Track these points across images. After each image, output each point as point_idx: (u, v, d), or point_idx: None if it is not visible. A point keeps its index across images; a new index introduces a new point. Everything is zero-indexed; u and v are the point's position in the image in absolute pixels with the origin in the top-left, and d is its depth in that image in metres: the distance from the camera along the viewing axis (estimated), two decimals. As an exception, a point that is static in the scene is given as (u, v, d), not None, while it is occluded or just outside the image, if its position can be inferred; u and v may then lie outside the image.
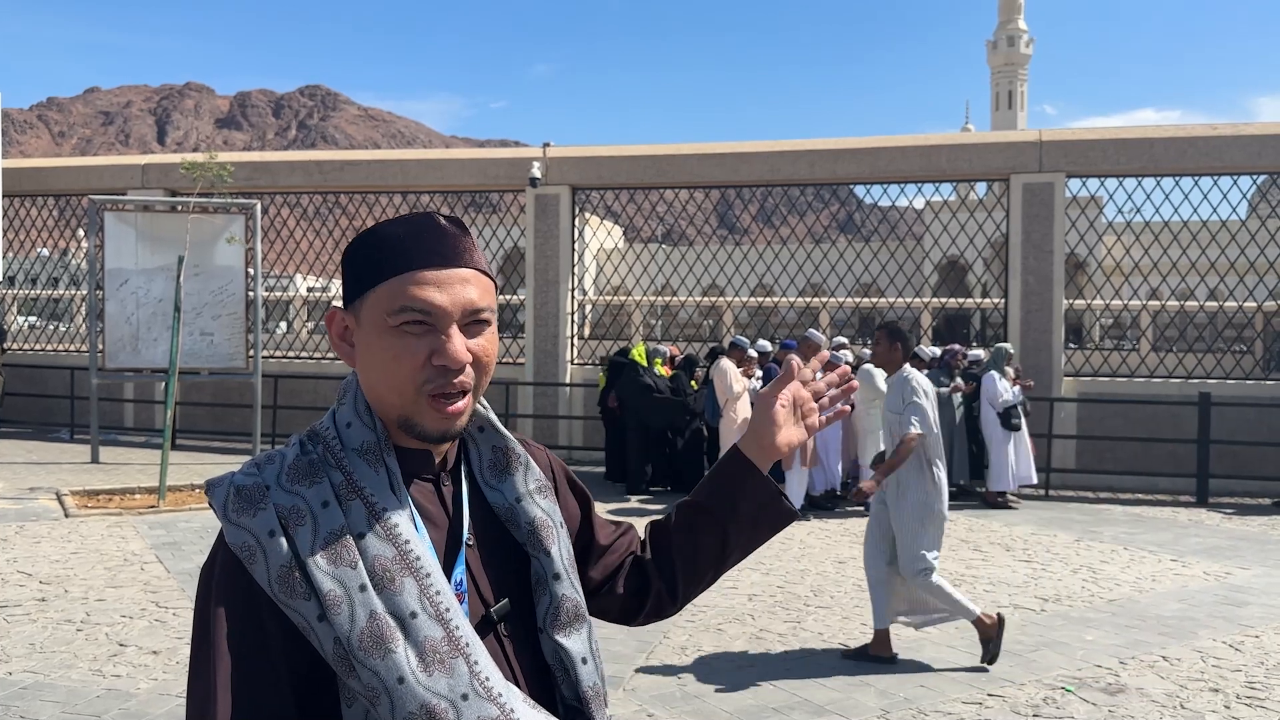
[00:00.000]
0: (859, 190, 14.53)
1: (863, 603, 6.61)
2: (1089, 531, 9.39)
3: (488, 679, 1.14)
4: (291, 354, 15.90)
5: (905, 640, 5.77)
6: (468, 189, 15.22)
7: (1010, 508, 10.71)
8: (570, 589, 1.28)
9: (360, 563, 1.12)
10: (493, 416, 1.33)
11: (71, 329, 17.57)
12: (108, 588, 6.59)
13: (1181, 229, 12.85)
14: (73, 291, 18.80)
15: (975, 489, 11.20)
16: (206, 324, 12.39)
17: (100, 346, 12.18)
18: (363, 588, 1.11)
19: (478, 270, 1.21)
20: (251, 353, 12.56)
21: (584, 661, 1.26)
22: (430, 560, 1.16)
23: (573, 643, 1.26)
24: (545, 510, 1.31)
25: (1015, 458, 10.83)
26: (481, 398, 1.30)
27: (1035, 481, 11.27)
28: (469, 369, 1.19)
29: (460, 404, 1.19)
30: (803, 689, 4.92)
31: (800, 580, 7.25)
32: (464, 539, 1.24)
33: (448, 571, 1.21)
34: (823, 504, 10.45)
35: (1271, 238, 12.62)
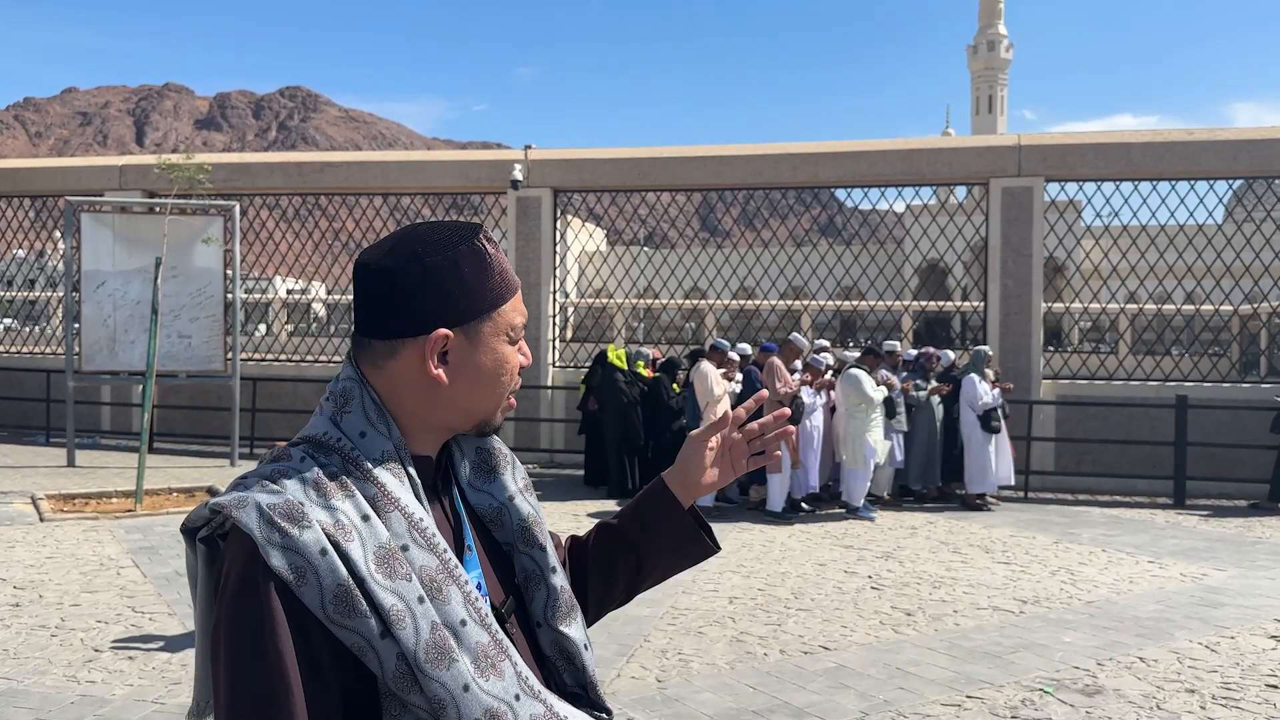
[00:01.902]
0: (840, 193, 14.55)
1: (844, 605, 6.63)
2: (1067, 533, 9.45)
3: (528, 677, 1.18)
4: (270, 357, 15.78)
5: (884, 642, 5.79)
6: (449, 191, 15.17)
7: (988, 509, 10.76)
8: (565, 580, 1.34)
9: (413, 575, 1.12)
10: None
11: (48, 331, 17.40)
12: (83, 592, 6.53)
13: (1159, 233, 12.96)
14: (49, 293, 18.63)
15: (955, 491, 11.25)
16: (184, 326, 12.30)
17: (77, 349, 12.07)
18: (420, 600, 1.11)
19: None
20: (230, 355, 12.48)
21: (586, 648, 1.32)
22: (461, 567, 1.19)
23: (574, 631, 1.31)
24: (534, 506, 1.36)
25: (995, 459, 10.88)
26: None
27: (1013, 482, 11.32)
28: None
29: None
30: (783, 692, 4.92)
31: (781, 583, 7.26)
32: (468, 542, 1.26)
33: None
34: (803, 507, 10.46)
35: (1247, 242, 12.74)
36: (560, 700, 1.23)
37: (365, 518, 1.12)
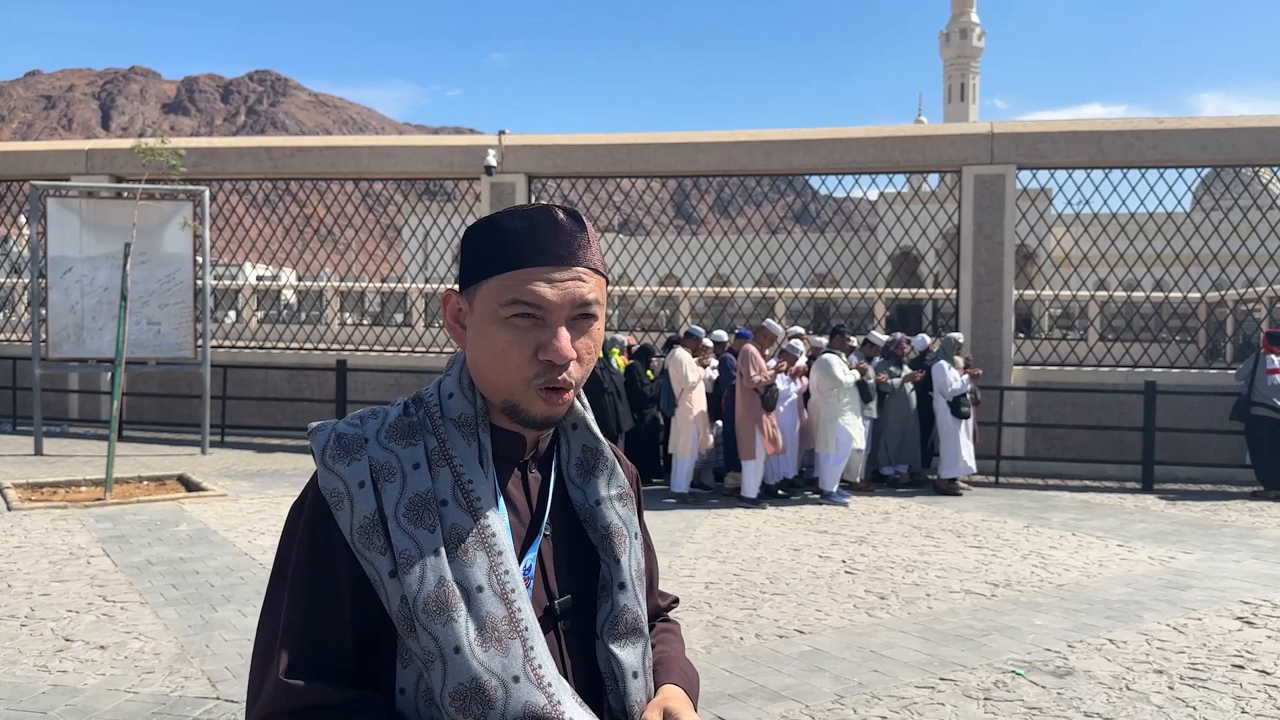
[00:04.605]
0: (814, 181, 14.60)
1: (818, 589, 6.67)
2: (1038, 518, 9.55)
3: (540, 666, 1.15)
4: (240, 344, 15.63)
5: (858, 626, 5.84)
6: (422, 176, 15.06)
7: (960, 494, 10.85)
8: (634, 601, 1.28)
9: (439, 528, 1.16)
10: (589, 416, 1.34)
11: (13, 318, 17.14)
12: (53, 582, 6.45)
13: (1129, 221, 13.08)
14: (14, 280, 18.34)
15: (927, 476, 11.34)
16: (154, 313, 12.16)
17: (43, 336, 11.91)
18: (436, 552, 1.14)
19: (590, 268, 1.23)
20: (200, 342, 12.35)
21: (635, 676, 1.26)
22: (504, 539, 1.19)
23: (627, 655, 1.26)
24: (622, 517, 1.32)
25: (966, 444, 10.96)
26: (581, 396, 1.33)
27: (974, 469, 11.27)
28: (573, 364, 1.21)
29: (567, 395, 1.22)
30: (759, 675, 4.95)
31: (756, 568, 7.30)
32: (542, 528, 1.26)
33: (521, 556, 1.22)
34: (777, 492, 10.50)
35: (1215, 230, 12.89)
36: (580, 706, 1.16)
37: (416, 465, 1.18)
